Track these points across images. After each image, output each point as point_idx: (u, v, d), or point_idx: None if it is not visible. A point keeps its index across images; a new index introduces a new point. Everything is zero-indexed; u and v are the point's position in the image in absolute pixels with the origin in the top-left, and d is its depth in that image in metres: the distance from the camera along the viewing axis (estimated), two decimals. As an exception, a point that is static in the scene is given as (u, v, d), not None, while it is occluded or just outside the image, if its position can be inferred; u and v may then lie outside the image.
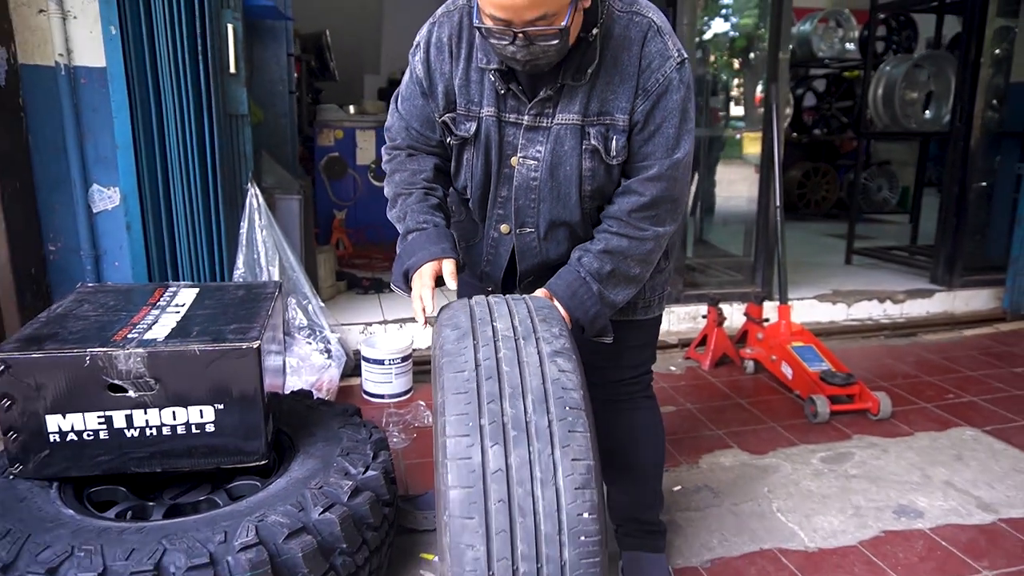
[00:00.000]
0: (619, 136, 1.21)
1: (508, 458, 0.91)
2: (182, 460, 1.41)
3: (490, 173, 1.29)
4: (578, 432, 0.93)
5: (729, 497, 1.89)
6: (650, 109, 1.20)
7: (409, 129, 1.36)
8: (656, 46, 1.19)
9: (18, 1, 2.26)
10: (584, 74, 1.19)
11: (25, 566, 1.12)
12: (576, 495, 0.89)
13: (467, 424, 0.93)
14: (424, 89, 1.30)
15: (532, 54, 1.11)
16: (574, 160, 1.23)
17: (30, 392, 1.32)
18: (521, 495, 0.88)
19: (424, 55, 1.29)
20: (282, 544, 1.21)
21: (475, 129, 1.26)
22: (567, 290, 1.25)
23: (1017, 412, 2.42)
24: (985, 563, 1.61)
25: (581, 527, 0.88)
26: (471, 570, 0.86)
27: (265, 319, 1.52)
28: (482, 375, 0.99)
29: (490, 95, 1.24)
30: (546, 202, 1.28)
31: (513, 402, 0.95)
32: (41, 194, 2.39)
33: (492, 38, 1.12)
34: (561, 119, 1.23)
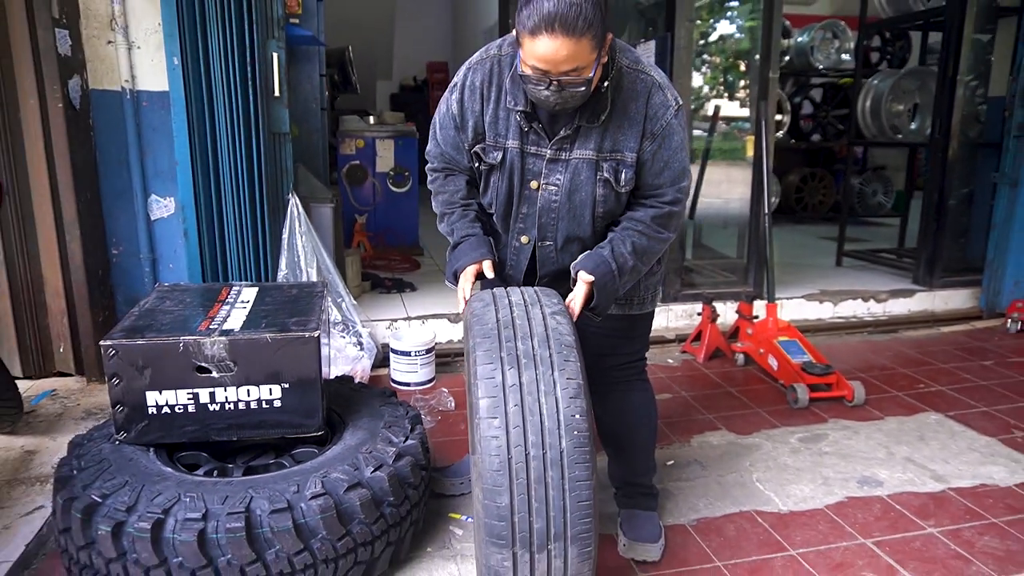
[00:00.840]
0: (628, 170, 1.49)
1: (521, 377, 1.25)
2: (254, 430, 1.70)
3: (512, 193, 1.57)
4: (571, 361, 1.26)
5: (715, 470, 2.16)
6: (657, 149, 1.48)
7: (444, 154, 1.65)
8: (659, 99, 1.47)
9: (89, 34, 2.56)
10: (598, 118, 1.47)
11: (144, 507, 1.41)
12: (570, 402, 1.23)
13: (491, 356, 1.27)
14: (457, 124, 1.58)
15: (563, 98, 1.38)
16: (589, 187, 1.51)
17: (134, 373, 1.61)
18: (530, 402, 1.23)
19: (459, 95, 1.56)
20: (343, 495, 1.50)
21: (501, 158, 1.54)
22: (600, 275, 1.49)
23: (979, 400, 2.69)
24: (931, 523, 1.88)
25: (574, 424, 1.22)
26: (495, 454, 1.20)
27: (319, 313, 1.81)
28: (501, 325, 1.33)
29: (515, 131, 1.52)
30: (564, 220, 1.56)
31: (524, 341, 1.29)
32: (106, 204, 2.69)
33: (530, 84, 1.38)
34: (578, 154, 1.50)
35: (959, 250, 4.20)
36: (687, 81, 3.19)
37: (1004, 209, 3.63)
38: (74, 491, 1.47)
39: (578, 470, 1.22)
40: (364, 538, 1.52)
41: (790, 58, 6.19)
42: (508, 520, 1.22)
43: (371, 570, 1.57)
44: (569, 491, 1.22)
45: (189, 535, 1.36)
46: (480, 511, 1.29)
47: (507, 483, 1.21)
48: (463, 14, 9.79)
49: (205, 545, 1.37)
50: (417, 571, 1.66)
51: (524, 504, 1.21)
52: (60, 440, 2.19)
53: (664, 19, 3.21)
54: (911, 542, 1.79)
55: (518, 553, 1.24)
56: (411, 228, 4.86)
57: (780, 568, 1.69)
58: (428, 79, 10.42)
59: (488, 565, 1.27)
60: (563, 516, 1.22)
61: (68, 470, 1.56)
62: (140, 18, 2.59)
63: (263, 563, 1.41)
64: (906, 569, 1.68)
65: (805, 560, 1.72)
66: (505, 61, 1.52)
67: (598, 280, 1.49)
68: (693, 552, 1.75)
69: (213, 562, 1.38)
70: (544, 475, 1.22)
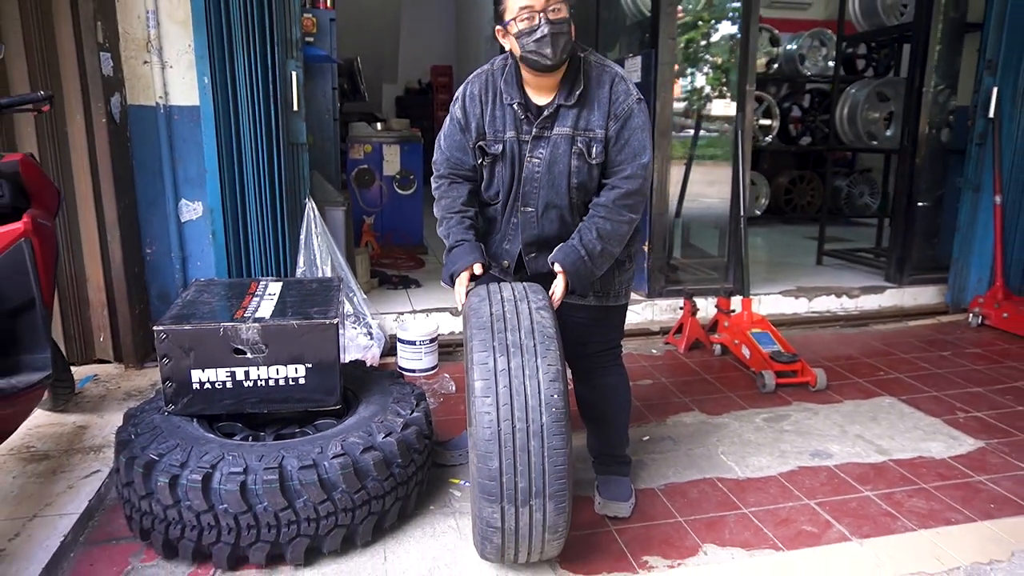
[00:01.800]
0: (598, 144, 1.77)
1: (510, 363, 1.51)
2: (282, 404, 1.98)
3: (514, 176, 1.85)
4: (551, 350, 1.52)
5: (685, 445, 2.44)
6: (620, 128, 1.76)
7: (450, 159, 1.92)
8: (621, 87, 1.77)
9: (128, 55, 2.85)
10: (573, 96, 1.75)
11: (195, 463, 1.69)
12: (550, 384, 1.49)
13: (486, 345, 1.53)
14: (461, 127, 1.87)
15: (555, 29, 1.66)
16: (566, 159, 1.79)
17: (181, 354, 1.90)
18: (516, 384, 1.48)
19: (462, 103, 1.86)
20: (359, 456, 1.78)
21: (502, 149, 1.83)
22: (572, 266, 1.77)
23: (932, 386, 2.96)
24: (869, 487, 2.15)
25: (553, 403, 1.48)
26: (487, 427, 1.46)
27: (338, 304, 2.10)
28: (494, 319, 1.59)
29: (511, 123, 1.81)
30: (544, 189, 1.82)
31: (513, 333, 1.55)
32: (141, 208, 2.98)
33: (524, 35, 1.67)
34: (557, 131, 1.79)
35: (931, 249, 4.47)
36: (670, 93, 3.46)
37: (968, 212, 3.90)
38: (134, 451, 1.76)
39: (555, 440, 1.49)
40: (377, 492, 1.80)
41: (779, 65, 6.45)
42: (498, 480, 1.49)
43: (383, 521, 1.85)
44: (547, 457, 1.49)
45: (233, 485, 1.65)
46: (475, 473, 1.56)
47: (497, 450, 1.48)
48: (466, 20, 10.08)
49: (246, 494, 1.66)
50: (422, 523, 1.94)
51: (511, 467, 1.48)
52: (106, 417, 2.48)
53: (649, 36, 3.48)
54: (849, 503, 2.07)
55: (506, 507, 1.52)
56: (416, 229, 5.15)
57: (732, 523, 1.96)
58: (432, 83, 10.71)
59: (482, 516, 1.55)
60: (542, 477, 1.50)
61: (127, 435, 1.85)
62: (173, 41, 2.88)
63: (293, 509, 1.69)
64: (840, 524, 1.95)
65: (755, 517, 1.99)
66: (497, 72, 1.84)
67: (570, 267, 1.76)
68: (659, 510, 2.03)
69: (252, 508, 1.67)
70: (527, 444, 1.48)
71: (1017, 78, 3.64)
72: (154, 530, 1.72)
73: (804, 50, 6.37)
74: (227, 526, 1.67)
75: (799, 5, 8.24)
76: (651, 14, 3.49)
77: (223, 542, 1.69)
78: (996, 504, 2.06)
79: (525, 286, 1.71)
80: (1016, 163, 3.74)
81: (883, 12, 4.66)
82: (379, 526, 1.85)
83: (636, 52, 3.63)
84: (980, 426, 2.58)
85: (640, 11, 4.03)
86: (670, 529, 1.93)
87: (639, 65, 3.52)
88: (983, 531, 1.93)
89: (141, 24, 2.83)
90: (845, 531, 1.92)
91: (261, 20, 2.74)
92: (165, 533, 1.71)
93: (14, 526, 1.83)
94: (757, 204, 6.69)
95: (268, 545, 1.69)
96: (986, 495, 2.11)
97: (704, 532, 1.92)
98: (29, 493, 1.99)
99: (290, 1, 2.85)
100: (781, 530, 1.93)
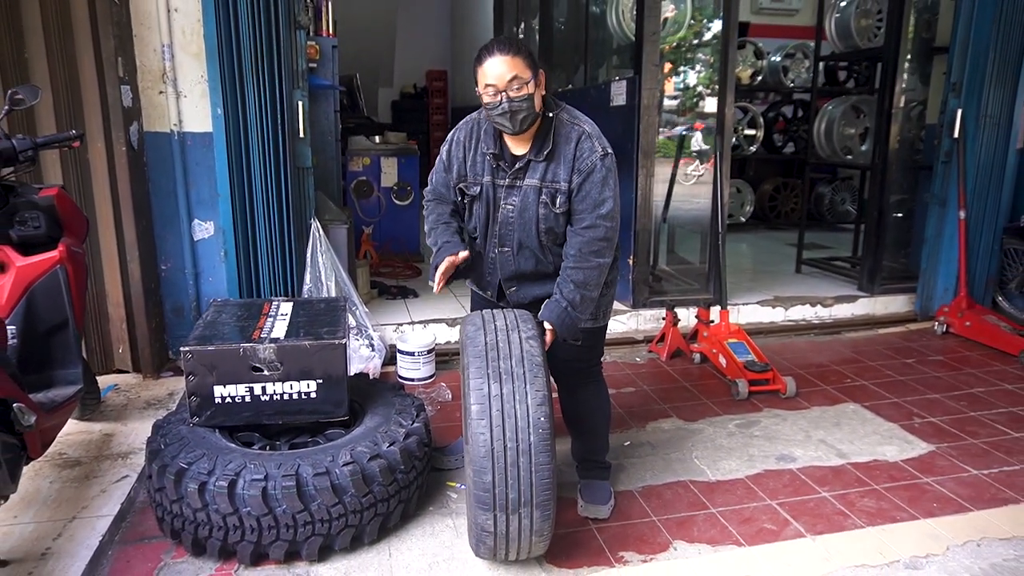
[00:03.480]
0: (562, 195, 1.97)
1: (502, 389, 1.72)
2: (295, 416, 2.19)
3: (488, 216, 2.08)
4: (539, 377, 1.74)
5: (663, 450, 2.66)
6: (582, 182, 1.95)
7: (436, 190, 2.19)
8: (587, 145, 1.96)
9: (144, 85, 3.05)
10: (543, 153, 1.97)
11: (220, 471, 1.90)
12: (537, 408, 1.70)
13: (481, 372, 1.74)
14: (446, 167, 2.12)
15: (514, 107, 1.86)
16: (534, 208, 2.01)
17: (205, 371, 2.11)
18: (508, 408, 1.70)
19: (449, 147, 2.11)
20: (366, 463, 1.99)
21: (479, 191, 2.06)
22: (557, 319, 1.98)
23: (893, 392, 3.19)
24: (827, 488, 2.38)
25: (540, 424, 1.69)
26: (482, 446, 1.67)
27: (344, 324, 2.31)
28: (488, 348, 1.80)
29: (488, 170, 2.04)
30: (517, 231, 2.05)
31: (505, 361, 1.76)
32: (156, 228, 3.18)
33: (488, 107, 1.89)
34: (528, 182, 2.01)
35: (903, 258, 4.71)
36: (653, 117, 3.67)
37: (935, 225, 4.13)
38: (165, 460, 1.97)
39: (541, 457, 1.71)
40: (382, 496, 2.01)
41: (763, 77, 6.67)
42: (491, 492, 1.71)
43: (387, 521, 2.07)
44: (535, 472, 1.71)
45: (255, 491, 1.86)
46: (471, 485, 1.77)
47: (491, 466, 1.69)
48: (461, 25, 10.26)
49: (267, 498, 1.87)
50: (422, 523, 2.16)
51: (502, 481, 1.70)
52: (130, 425, 2.69)
53: (633, 62, 3.69)
54: (807, 503, 2.29)
55: (498, 515, 1.74)
56: (413, 238, 5.36)
57: (701, 521, 2.19)
58: (428, 87, 10.89)
59: (477, 522, 1.77)
60: (530, 489, 1.71)
61: (157, 445, 2.06)
62: (187, 72, 3.08)
63: (308, 512, 1.90)
64: (797, 522, 2.18)
65: (722, 516, 2.22)
66: (482, 123, 2.07)
67: (556, 321, 1.97)
68: (636, 510, 2.25)
69: (272, 511, 1.88)
70: (517, 460, 1.70)
71: (980, 101, 3.87)
72: (184, 530, 1.94)
73: (787, 62, 6.59)
74: (250, 527, 1.89)
75: (786, 12, 8.46)
76: (635, 39, 3.70)
77: (246, 541, 1.90)
78: (939, 504, 2.29)
79: (516, 315, 1.92)
80: (979, 180, 3.97)
81: (856, 34, 4.89)
82: (384, 526, 2.07)
83: (621, 77, 3.84)
84: (933, 431, 2.81)
85: (626, 35, 4.24)
86: (645, 528, 2.15)
87: (624, 89, 3.74)
88: (924, 528, 2.16)
89: (157, 57, 3.03)
90: (801, 528, 2.15)
91: (269, 53, 2.94)
92: (194, 533, 1.92)
93: (56, 527, 2.04)
94: (742, 211, 6.92)
95: (286, 543, 1.91)
96: (931, 495, 2.34)
97: (675, 530, 2.14)
98: (67, 497, 2.20)
99: (296, 35, 3.05)
100: (744, 528, 2.15)
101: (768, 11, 8.18)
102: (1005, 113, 3.91)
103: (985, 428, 2.83)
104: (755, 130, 6.67)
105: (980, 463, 2.55)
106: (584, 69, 4.88)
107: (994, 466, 2.53)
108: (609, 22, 4.48)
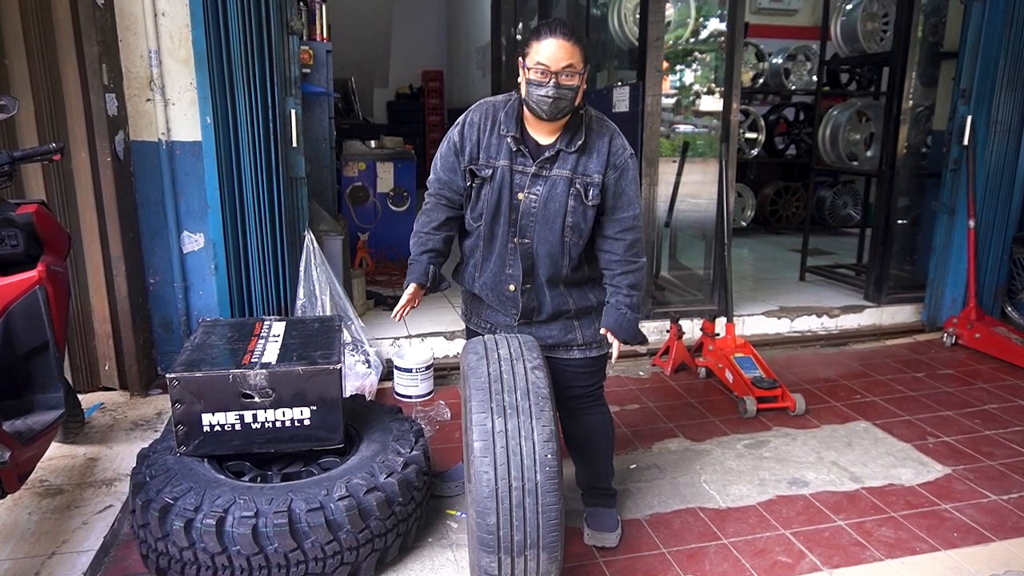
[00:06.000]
0: (595, 188, 1.90)
1: (507, 425, 1.62)
2: (288, 444, 2.09)
3: (500, 203, 1.96)
4: (545, 411, 1.64)
5: (670, 473, 2.57)
6: (617, 178, 1.91)
7: (440, 179, 2.04)
8: (618, 142, 1.94)
9: (131, 93, 2.94)
10: (573, 145, 1.89)
11: (208, 507, 1.80)
12: (544, 444, 1.60)
13: (484, 407, 1.64)
14: (457, 150, 1.99)
15: (558, 94, 1.79)
16: (563, 198, 1.91)
17: (192, 399, 2.00)
18: (513, 445, 1.60)
19: (461, 128, 1.99)
20: (363, 497, 1.89)
21: (491, 174, 1.95)
22: (616, 324, 1.95)
23: (904, 409, 3.10)
24: (842, 516, 2.29)
25: (546, 462, 1.60)
26: (485, 485, 1.57)
27: (340, 346, 2.21)
28: (491, 379, 1.70)
29: (506, 153, 1.93)
30: (539, 223, 1.95)
31: (509, 395, 1.66)
32: (144, 239, 3.07)
33: (534, 85, 1.80)
34: (557, 172, 1.92)
35: (910, 266, 4.63)
36: (656, 123, 3.58)
37: (943, 234, 4.04)
38: (150, 495, 1.86)
39: (548, 497, 1.61)
40: (379, 530, 1.91)
41: (765, 79, 6.58)
42: (495, 534, 1.60)
43: (384, 556, 1.97)
44: (541, 513, 1.61)
45: (245, 529, 1.76)
46: (473, 526, 1.67)
47: (495, 507, 1.59)
48: (457, 25, 10.14)
49: (257, 536, 1.76)
50: (421, 556, 2.06)
51: (507, 523, 1.60)
52: (116, 448, 2.58)
53: (637, 69, 3.60)
54: (822, 532, 2.20)
55: (502, 558, 1.63)
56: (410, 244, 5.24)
57: (713, 554, 2.09)
58: (424, 87, 10.77)
59: (480, 566, 1.66)
60: (536, 531, 1.61)
61: (142, 477, 1.95)
62: (175, 79, 2.96)
63: (302, 550, 1.80)
64: (813, 554, 2.09)
65: (734, 547, 2.12)
66: (500, 105, 1.98)
67: (622, 328, 1.96)
68: (644, 541, 2.15)
69: (263, 549, 1.77)
70: (523, 501, 1.60)
71: (990, 107, 3.78)
72: (170, 569, 1.83)
73: (789, 65, 6.50)
74: (240, 566, 1.78)
75: (786, 12, 8.37)
76: (639, 45, 3.60)
77: (236, 581, 1.80)
78: (959, 533, 2.20)
79: (521, 342, 1.82)
80: (989, 189, 3.89)
81: (863, 38, 4.79)
82: (382, 560, 1.97)
83: (623, 83, 3.74)
84: (948, 451, 2.72)
85: (628, 39, 4.14)
86: (654, 561, 2.06)
87: (627, 95, 3.64)
88: (945, 560, 2.07)
89: (144, 63, 2.92)
90: (817, 561, 2.06)
91: (261, 59, 2.83)
92: (181, 572, 1.81)
93: (34, 564, 1.93)
94: (743, 215, 6.83)
95: (278, 583, 1.81)
96: (950, 524, 2.25)
97: (686, 563, 2.05)
98: (46, 530, 2.09)
99: (288, 40, 2.94)
100: (758, 561, 2.06)
101: (767, 11, 8.09)
102: (1016, 119, 3.82)
103: (1001, 448, 2.75)
104: (756, 133, 6.58)
105: (998, 487, 2.46)
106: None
107: (1013, 491, 2.44)
108: (611, 25, 4.38)
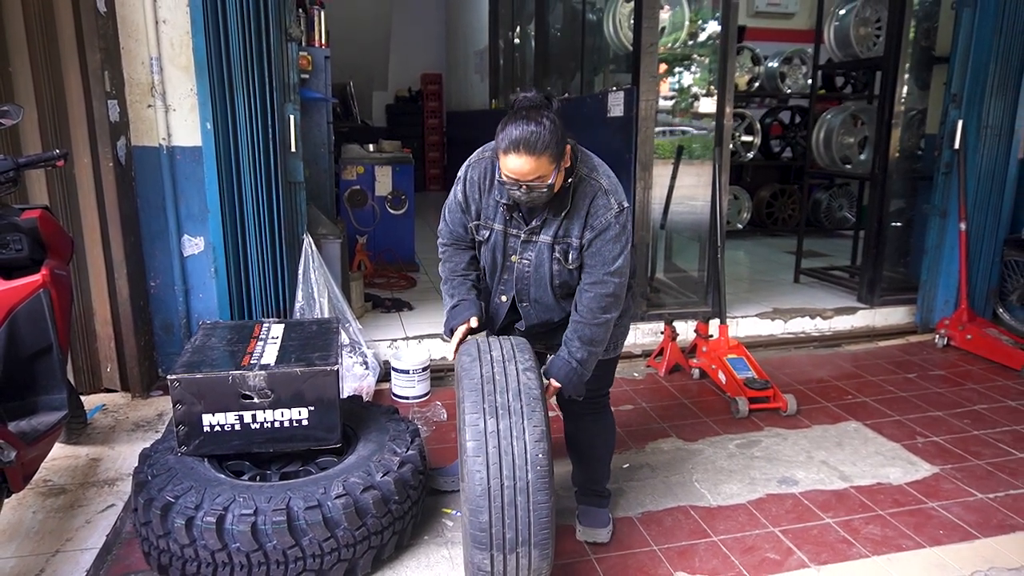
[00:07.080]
0: (574, 251, 1.92)
1: (499, 425, 1.65)
2: (287, 443, 2.13)
3: (496, 262, 2.02)
4: (536, 411, 1.67)
5: (663, 472, 2.61)
6: (593, 238, 1.89)
7: (452, 232, 2.08)
8: (601, 201, 1.89)
9: (133, 99, 2.98)
10: (560, 213, 1.91)
11: (208, 505, 1.84)
12: (535, 444, 1.64)
13: (477, 407, 1.67)
14: (463, 208, 2.03)
15: (531, 198, 1.82)
16: (548, 264, 1.95)
17: (193, 400, 2.04)
18: (505, 445, 1.63)
19: (463, 187, 2.01)
20: (359, 495, 1.93)
21: (488, 236, 1.99)
22: (565, 378, 1.95)
23: (894, 409, 3.15)
24: (830, 514, 2.33)
25: (538, 462, 1.63)
26: (478, 484, 1.61)
27: (338, 348, 2.25)
28: (484, 381, 1.74)
29: (500, 217, 1.97)
30: (533, 286, 2.00)
31: (501, 395, 1.69)
32: (145, 243, 3.12)
33: (507, 186, 1.83)
34: (543, 239, 1.94)
35: (903, 268, 4.68)
36: (650, 127, 3.62)
37: (935, 236, 4.09)
38: (152, 493, 1.90)
39: (539, 495, 1.65)
40: (376, 528, 1.96)
41: (761, 83, 6.63)
42: (487, 531, 1.64)
43: (381, 553, 2.01)
44: (532, 511, 1.65)
45: (245, 526, 1.80)
46: (467, 524, 1.71)
47: (487, 505, 1.63)
48: (456, 29, 10.20)
49: (256, 534, 1.81)
50: (417, 554, 2.10)
51: (499, 520, 1.64)
52: (118, 449, 2.62)
53: (631, 74, 3.64)
54: (810, 530, 2.24)
55: (495, 555, 1.67)
56: (407, 247, 5.29)
57: (703, 550, 2.14)
58: (422, 90, 10.82)
59: (473, 563, 1.71)
60: (528, 529, 1.65)
61: (144, 477, 1.99)
62: (176, 85, 3.01)
63: (300, 547, 1.84)
64: (801, 551, 2.13)
65: (724, 545, 2.17)
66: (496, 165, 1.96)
67: (563, 379, 1.95)
68: (636, 539, 2.20)
69: (263, 546, 1.82)
70: (515, 499, 1.64)
71: (981, 112, 3.83)
72: (172, 566, 1.87)
73: (784, 68, 6.56)
74: (239, 563, 1.83)
75: (784, 15, 8.43)
76: (633, 50, 3.65)
77: (236, 577, 1.84)
78: (945, 531, 2.24)
79: (513, 344, 1.86)
80: (980, 192, 3.94)
81: (856, 43, 4.84)
82: (378, 557, 2.01)
83: (618, 88, 3.78)
84: (937, 451, 2.77)
85: (623, 43, 4.19)
86: (645, 558, 2.10)
87: (621, 100, 3.68)
88: (931, 557, 2.11)
89: (145, 70, 2.96)
90: (805, 558, 2.10)
91: (260, 66, 2.88)
92: (182, 569, 1.86)
93: (38, 562, 1.97)
94: (739, 218, 6.88)
95: (277, 580, 1.85)
96: (937, 521, 2.29)
97: (676, 560, 2.09)
98: (50, 528, 2.14)
99: (287, 47, 2.99)
100: (746, 558, 2.10)
101: (764, 14, 8.14)
102: (1006, 124, 3.87)
103: (989, 448, 2.79)
104: (752, 136, 6.63)
105: (985, 486, 2.50)
106: (580, 76, 4.83)
107: (1000, 489, 2.49)
108: (606, 30, 4.43)
